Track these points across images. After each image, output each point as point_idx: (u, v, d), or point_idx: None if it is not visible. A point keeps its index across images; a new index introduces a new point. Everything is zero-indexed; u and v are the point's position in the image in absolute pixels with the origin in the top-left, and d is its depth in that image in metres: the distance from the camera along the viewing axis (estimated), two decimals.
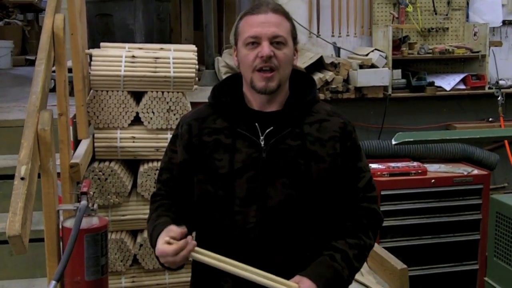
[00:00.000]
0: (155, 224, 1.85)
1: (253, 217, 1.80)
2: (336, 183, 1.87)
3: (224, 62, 4.79)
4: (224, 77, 2.37)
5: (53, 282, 1.97)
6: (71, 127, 3.00)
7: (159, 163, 2.09)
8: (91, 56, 3.29)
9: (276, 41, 1.80)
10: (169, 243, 1.73)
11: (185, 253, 1.73)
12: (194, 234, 1.97)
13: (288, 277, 1.79)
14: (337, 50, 5.17)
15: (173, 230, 1.76)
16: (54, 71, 2.80)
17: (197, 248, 1.77)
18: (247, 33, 1.82)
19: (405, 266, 3.20)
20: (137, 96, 3.35)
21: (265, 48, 1.78)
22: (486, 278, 3.54)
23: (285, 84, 1.88)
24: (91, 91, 3.26)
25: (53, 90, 2.88)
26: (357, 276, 3.22)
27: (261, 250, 1.81)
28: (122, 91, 3.25)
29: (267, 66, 1.79)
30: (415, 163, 4.71)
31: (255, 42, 1.80)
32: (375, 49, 5.02)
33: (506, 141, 5.24)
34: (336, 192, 1.88)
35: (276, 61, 1.80)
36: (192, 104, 3.38)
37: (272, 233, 1.81)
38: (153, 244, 1.81)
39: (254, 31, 1.80)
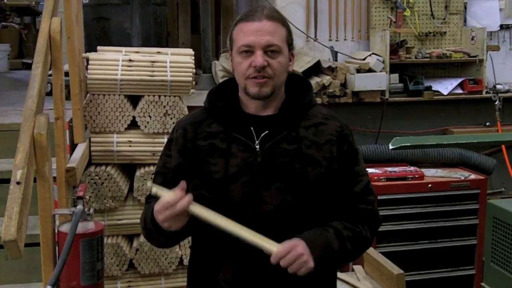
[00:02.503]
0: (150, 208, 1.81)
1: (248, 222, 1.78)
2: (333, 187, 1.85)
3: (221, 66, 4.79)
4: (221, 81, 2.36)
5: (49, 287, 1.97)
6: (67, 131, 3.00)
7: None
8: (87, 59, 3.29)
9: (270, 50, 1.78)
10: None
11: (185, 202, 1.68)
12: (190, 239, 1.96)
13: (286, 280, 1.77)
14: (335, 54, 5.16)
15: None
16: (50, 75, 2.79)
17: (193, 202, 1.72)
18: (241, 41, 1.80)
19: (402, 271, 3.19)
20: (134, 100, 3.34)
21: (259, 58, 1.76)
22: (483, 284, 3.53)
23: (280, 89, 1.86)
24: (88, 95, 3.26)
25: (49, 94, 2.88)
26: (354, 281, 3.22)
27: (256, 255, 1.79)
28: (119, 95, 3.24)
29: (261, 75, 1.78)
30: (412, 168, 4.70)
31: (248, 51, 1.78)
32: (373, 53, 5.02)
33: (503, 146, 5.25)
34: (333, 197, 1.86)
35: (270, 70, 1.78)
36: (189, 108, 3.37)
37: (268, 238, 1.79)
38: (151, 219, 1.77)
39: (248, 40, 1.78)
